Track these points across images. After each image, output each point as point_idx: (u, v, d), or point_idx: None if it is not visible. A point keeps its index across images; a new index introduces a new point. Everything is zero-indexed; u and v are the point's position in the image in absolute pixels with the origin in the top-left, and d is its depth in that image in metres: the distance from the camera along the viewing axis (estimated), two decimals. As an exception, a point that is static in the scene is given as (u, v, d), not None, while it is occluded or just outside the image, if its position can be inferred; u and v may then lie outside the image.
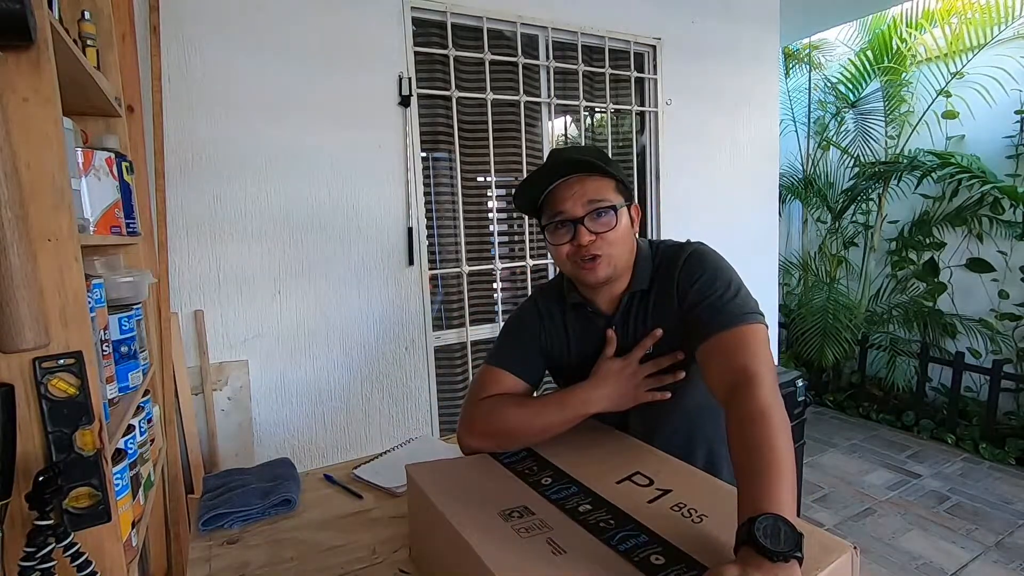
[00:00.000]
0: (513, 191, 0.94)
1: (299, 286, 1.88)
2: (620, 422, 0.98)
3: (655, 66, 2.55)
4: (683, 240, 0.96)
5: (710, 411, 0.92)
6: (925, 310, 3.60)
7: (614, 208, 0.87)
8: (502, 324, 2.28)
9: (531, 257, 2.36)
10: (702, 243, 0.93)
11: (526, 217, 2.34)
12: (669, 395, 0.89)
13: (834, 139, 4.03)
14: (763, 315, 0.84)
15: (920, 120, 3.60)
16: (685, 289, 0.87)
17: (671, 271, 0.90)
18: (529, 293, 2.37)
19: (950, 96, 3.44)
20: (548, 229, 0.90)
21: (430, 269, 2.14)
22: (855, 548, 0.57)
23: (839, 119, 4.01)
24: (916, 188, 3.60)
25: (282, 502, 1.01)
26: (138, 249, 1.41)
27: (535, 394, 1.00)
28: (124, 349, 1.13)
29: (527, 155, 2.30)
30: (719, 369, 0.78)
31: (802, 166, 4.16)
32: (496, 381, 0.95)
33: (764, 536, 0.51)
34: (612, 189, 0.88)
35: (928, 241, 3.62)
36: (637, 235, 0.95)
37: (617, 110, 2.53)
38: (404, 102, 1.98)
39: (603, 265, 0.87)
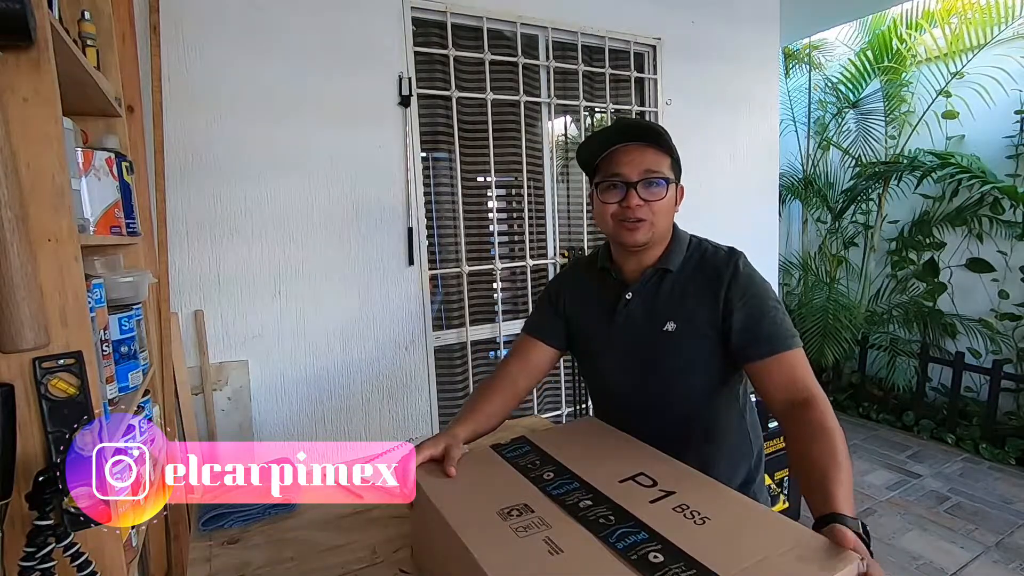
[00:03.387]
0: (578, 144, 1.01)
1: (299, 286, 1.88)
2: (630, 418, 0.99)
3: (655, 66, 2.55)
4: (727, 246, 1.01)
5: (716, 411, 1.00)
6: (925, 310, 3.59)
7: (667, 180, 0.93)
8: (501, 324, 2.30)
9: (531, 257, 2.36)
10: (744, 254, 0.98)
11: (526, 217, 2.34)
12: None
13: (834, 139, 4.03)
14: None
15: (920, 120, 3.59)
16: (732, 297, 0.92)
17: (718, 275, 0.94)
18: (529, 293, 2.38)
19: (950, 96, 3.44)
20: (600, 187, 0.96)
21: (430, 269, 2.14)
22: (861, 559, 0.56)
23: (839, 119, 4.01)
24: (916, 188, 3.60)
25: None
26: (138, 249, 1.41)
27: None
28: (124, 349, 1.13)
29: (527, 155, 2.30)
30: (781, 384, 0.87)
31: (802, 166, 4.16)
32: (521, 346, 1.09)
33: (865, 532, 0.63)
34: (668, 165, 0.94)
35: (928, 241, 3.61)
36: (677, 213, 1.01)
37: (617, 110, 2.52)
38: (404, 102, 1.98)
39: (644, 229, 0.93)
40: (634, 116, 2.58)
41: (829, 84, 4.03)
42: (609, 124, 1.01)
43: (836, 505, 0.65)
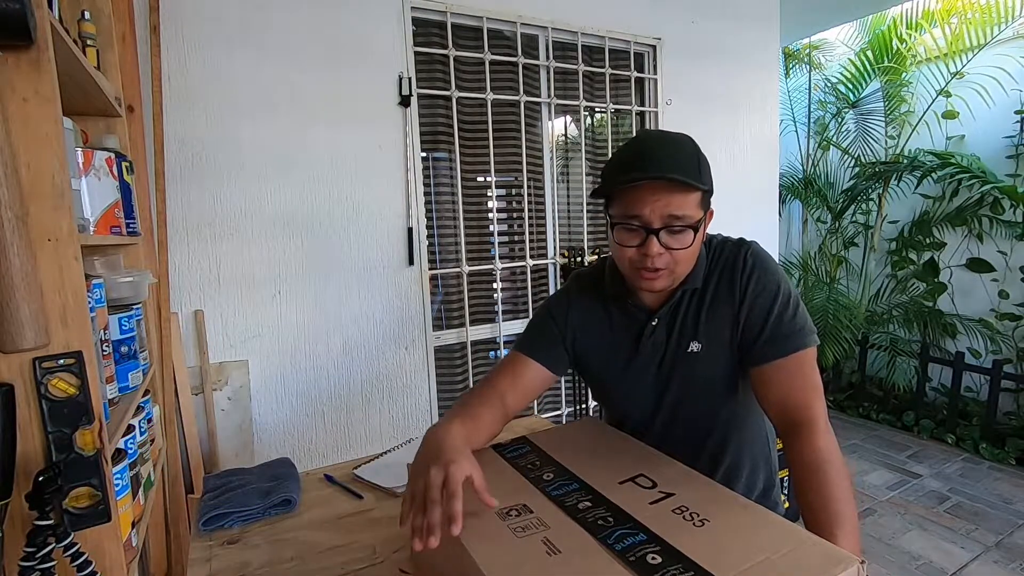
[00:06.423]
0: (601, 172, 0.89)
1: (299, 286, 1.88)
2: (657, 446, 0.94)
3: (655, 66, 2.55)
4: (735, 237, 0.95)
5: (742, 421, 0.96)
6: (925, 310, 3.59)
7: (695, 227, 0.81)
8: (501, 324, 2.30)
9: (531, 257, 2.36)
10: (755, 242, 0.93)
11: (526, 217, 2.34)
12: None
13: (834, 139, 4.03)
14: (814, 329, 0.86)
15: (920, 120, 3.59)
16: (744, 293, 0.87)
17: (731, 274, 0.89)
18: (529, 293, 2.38)
19: (950, 96, 3.44)
20: (617, 227, 0.84)
21: (430, 269, 2.14)
22: (862, 562, 0.56)
23: (839, 119, 4.01)
24: (916, 188, 3.60)
25: (282, 502, 1.01)
26: (138, 249, 1.41)
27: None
28: (124, 349, 1.13)
29: (527, 155, 2.30)
30: (777, 398, 0.84)
31: (802, 166, 4.16)
32: (514, 366, 0.95)
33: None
34: (696, 204, 0.82)
35: (928, 241, 3.61)
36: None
37: (617, 110, 2.53)
38: (404, 102, 1.98)
39: (664, 278, 0.84)
40: (657, 128, 2.51)
41: (829, 84, 4.03)
42: (633, 142, 0.88)
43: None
